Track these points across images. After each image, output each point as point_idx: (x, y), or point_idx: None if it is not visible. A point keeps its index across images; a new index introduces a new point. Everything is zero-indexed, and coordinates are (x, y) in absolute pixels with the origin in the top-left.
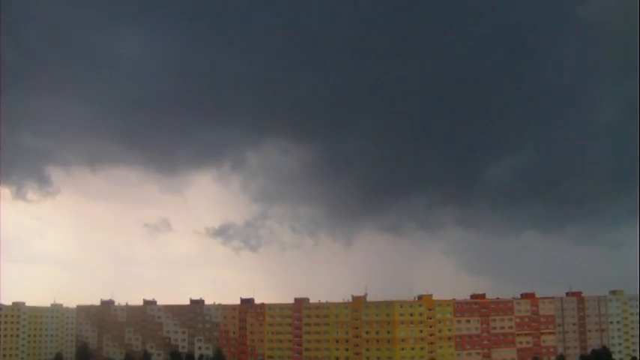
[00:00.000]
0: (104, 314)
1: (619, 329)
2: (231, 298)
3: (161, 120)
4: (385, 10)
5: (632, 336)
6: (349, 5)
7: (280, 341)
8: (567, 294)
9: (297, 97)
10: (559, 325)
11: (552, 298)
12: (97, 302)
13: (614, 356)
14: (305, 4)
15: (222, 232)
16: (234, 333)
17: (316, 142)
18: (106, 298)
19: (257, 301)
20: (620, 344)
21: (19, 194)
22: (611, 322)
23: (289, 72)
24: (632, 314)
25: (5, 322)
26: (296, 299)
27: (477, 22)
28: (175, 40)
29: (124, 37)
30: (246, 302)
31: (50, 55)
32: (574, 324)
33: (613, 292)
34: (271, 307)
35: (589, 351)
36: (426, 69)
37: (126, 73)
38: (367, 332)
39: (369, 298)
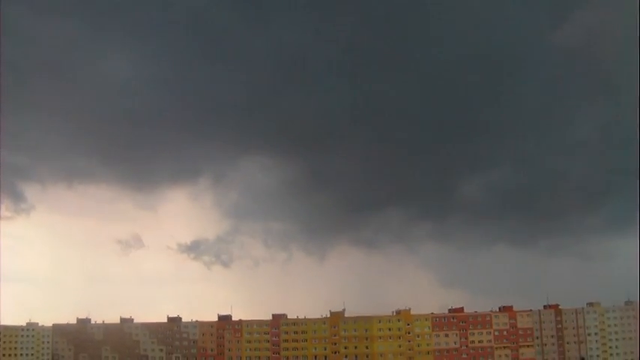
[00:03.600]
0: (80, 332)
1: (597, 341)
2: (207, 314)
3: (140, 137)
4: (365, 32)
5: (610, 347)
6: (331, 26)
7: (259, 358)
8: (545, 307)
9: (279, 115)
10: (537, 338)
11: (530, 311)
12: (73, 320)
13: None
14: (289, 25)
15: (194, 248)
16: (212, 350)
17: (296, 160)
18: (82, 316)
19: (234, 317)
20: (598, 356)
21: None
22: (589, 334)
23: (272, 91)
24: (609, 326)
25: None
26: (274, 315)
27: (455, 44)
28: (157, 58)
29: (106, 55)
30: (224, 319)
31: (29, 70)
32: (552, 336)
33: (590, 304)
34: (249, 323)
35: None
36: (403, 88)
37: (106, 90)
38: (346, 348)
39: (345, 313)
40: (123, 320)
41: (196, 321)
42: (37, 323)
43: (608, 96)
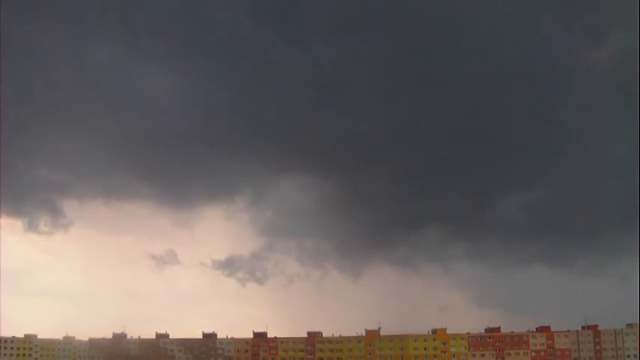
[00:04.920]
0: (116, 347)
1: None
2: (242, 330)
3: (179, 156)
4: (403, 53)
5: None
6: (369, 47)
7: None
8: (583, 327)
9: (317, 135)
10: (575, 359)
11: (568, 331)
12: (109, 335)
13: None
14: (328, 46)
15: (229, 265)
16: None
17: (333, 179)
18: (118, 331)
19: (269, 334)
20: None
21: (32, 226)
22: (628, 356)
23: (311, 111)
24: None
25: (17, 355)
26: (309, 333)
27: (492, 64)
28: (198, 78)
29: (147, 75)
30: (259, 336)
31: (73, 90)
32: (590, 357)
33: (629, 326)
34: (284, 340)
35: None
36: (441, 108)
37: (146, 109)
38: None
39: (383, 332)
40: (158, 336)
41: (231, 338)
42: (74, 337)
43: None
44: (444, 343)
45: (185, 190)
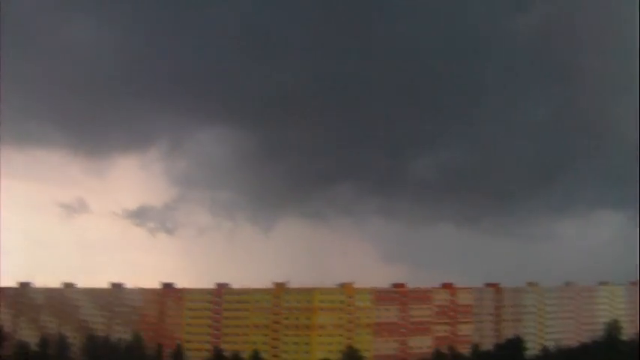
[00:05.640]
0: (20, 296)
1: (534, 320)
2: (150, 281)
3: (98, 103)
4: (330, 9)
5: (547, 326)
6: (301, 2)
7: (199, 326)
8: (486, 285)
9: (239, 87)
10: (476, 315)
11: (470, 288)
12: (14, 284)
13: (527, 345)
14: None
15: (140, 215)
16: (153, 317)
17: (251, 132)
18: (24, 280)
19: (177, 285)
20: (534, 334)
21: None
22: (527, 313)
23: (233, 63)
24: (547, 305)
25: None
26: (217, 284)
27: (415, 22)
28: (121, 25)
29: (71, 20)
30: (167, 287)
31: None
32: (490, 314)
33: (529, 284)
34: (191, 291)
35: (503, 340)
36: (361, 65)
37: (68, 54)
38: (287, 319)
39: (291, 285)
40: (65, 285)
41: (138, 288)
42: None
43: (564, 82)
44: (350, 297)
45: (100, 139)
